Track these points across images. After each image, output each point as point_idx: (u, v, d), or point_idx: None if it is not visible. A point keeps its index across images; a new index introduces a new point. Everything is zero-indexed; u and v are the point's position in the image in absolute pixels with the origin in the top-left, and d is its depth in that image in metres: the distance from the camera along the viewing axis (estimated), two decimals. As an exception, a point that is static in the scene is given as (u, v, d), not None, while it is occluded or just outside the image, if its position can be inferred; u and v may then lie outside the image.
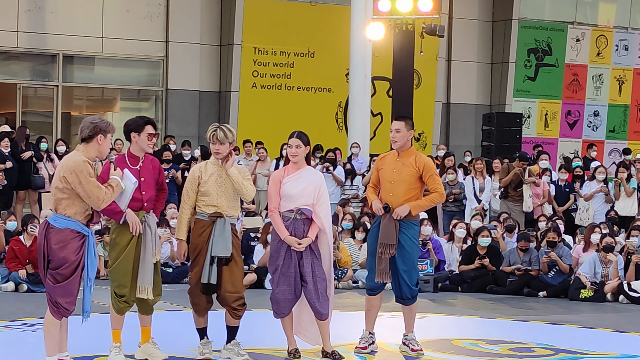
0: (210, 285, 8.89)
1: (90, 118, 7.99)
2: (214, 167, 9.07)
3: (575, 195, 19.63)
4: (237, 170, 9.13)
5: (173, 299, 12.84)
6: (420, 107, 24.87)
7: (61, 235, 7.76)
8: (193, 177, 9.05)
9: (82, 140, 7.94)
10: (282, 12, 25.33)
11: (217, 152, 9.03)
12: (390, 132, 9.59)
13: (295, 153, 9.18)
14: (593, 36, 29.09)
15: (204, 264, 8.89)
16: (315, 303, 9.11)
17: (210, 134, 9.03)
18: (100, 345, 9.14)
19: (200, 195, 9.01)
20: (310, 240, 9.12)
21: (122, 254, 8.74)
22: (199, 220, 9.02)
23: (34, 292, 14.00)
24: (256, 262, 15.54)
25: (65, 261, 7.76)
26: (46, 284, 7.85)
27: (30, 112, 23.92)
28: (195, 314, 9.17)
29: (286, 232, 9.08)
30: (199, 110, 24.85)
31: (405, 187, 9.45)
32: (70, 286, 7.80)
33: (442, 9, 26.05)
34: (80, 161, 7.75)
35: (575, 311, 13.47)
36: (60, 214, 7.78)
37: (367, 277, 9.80)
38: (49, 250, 7.79)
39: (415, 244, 9.54)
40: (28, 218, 14.93)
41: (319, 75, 25.70)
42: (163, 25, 24.47)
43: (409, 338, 9.65)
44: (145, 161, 8.93)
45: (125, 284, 8.76)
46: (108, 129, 7.94)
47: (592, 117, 29.26)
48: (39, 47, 23.28)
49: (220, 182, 9.01)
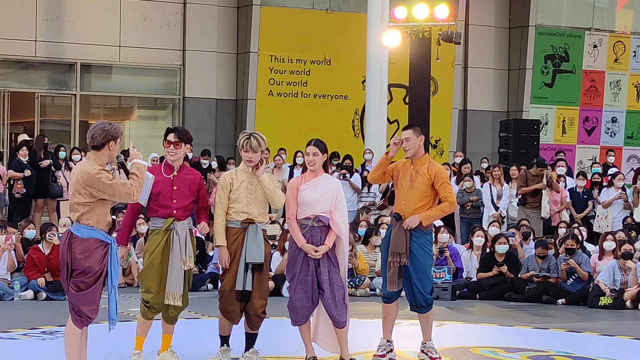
0: (246, 292, 8.90)
1: (99, 125, 7.89)
2: (244, 174, 9.09)
3: (594, 202, 19.56)
4: (268, 177, 9.17)
5: (191, 306, 12.78)
6: (437, 114, 24.87)
7: (85, 244, 7.75)
8: (225, 184, 9.06)
9: (93, 148, 7.91)
10: (299, 19, 25.37)
11: (249, 160, 9.04)
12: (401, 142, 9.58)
13: (313, 161, 9.18)
14: (610, 42, 29.01)
15: (238, 271, 8.91)
16: (332, 311, 9.09)
17: (244, 142, 9.04)
18: (121, 353, 9.14)
19: (231, 203, 9.02)
20: (327, 247, 9.11)
21: (149, 259, 8.80)
22: (230, 228, 9.02)
23: (53, 300, 14.04)
24: (273, 269, 15.54)
25: (90, 270, 7.76)
26: (69, 293, 7.85)
27: (48, 121, 24.02)
28: (223, 322, 9.12)
29: (303, 240, 9.08)
30: (216, 118, 24.89)
31: (418, 195, 9.45)
32: (93, 294, 7.80)
33: (459, 16, 26.09)
34: (94, 172, 7.70)
35: (594, 319, 13.43)
36: (83, 223, 7.77)
37: (382, 285, 9.79)
38: (73, 260, 7.77)
39: (427, 252, 9.53)
40: (46, 226, 14.98)
41: (336, 82, 25.71)
42: (180, 34, 24.53)
43: (427, 346, 9.62)
44: (181, 171, 8.98)
45: (150, 289, 8.81)
46: (118, 133, 7.91)
47: (609, 123, 29.17)
48: (57, 56, 23.37)
49: (250, 189, 9.03)
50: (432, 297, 9.57)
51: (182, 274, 8.80)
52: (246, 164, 9.09)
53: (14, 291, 14.23)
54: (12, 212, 18.52)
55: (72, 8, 23.36)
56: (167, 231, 8.83)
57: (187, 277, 8.93)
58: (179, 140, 8.96)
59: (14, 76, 23.49)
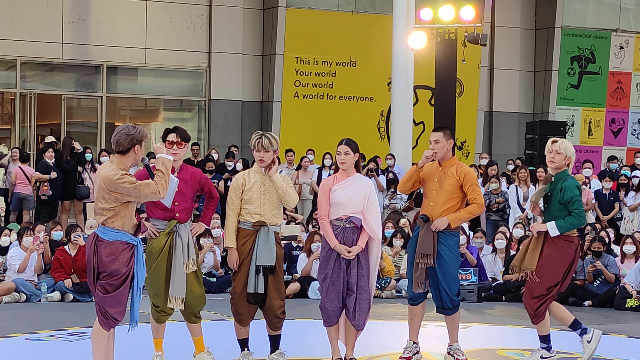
0: (257, 294, 8.90)
1: (124, 129, 7.86)
2: (257, 175, 9.08)
3: (620, 203, 19.47)
4: (280, 177, 9.15)
5: (217, 308, 12.88)
6: (463, 115, 24.83)
7: (111, 247, 7.75)
8: (237, 185, 9.05)
9: (118, 152, 7.87)
10: (324, 21, 25.39)
11: (261, 160, 9.04)
12: (430, 143, 9.56)
13: (344, 160, 9.16)
14: (637, 43, 28.88)
15: (249, 274, 8.91)
16: (352, 313, 9.08)
17: (255, 142, 9.04)
18: (146, 355, 9.17)
19: (243, 204, 9.00)
20: (360, 248, 9.09)
21: (154, 263, 8.80)
22: (242, 230, 9.01)
23: (80, 301, 14.10)
24: (299, 271, 15.55)
25: (118, 273, 7.75)
26: (96, 295, 7.85)
27: (75, 123, 24.13)
28: (237, 325, 9.14)
29: (336, 241, 9.04)
30: (242, 120, 24.94)
31: (445, 197, 9.43)
32: (120, 296, 7.81)
33: (485, 18, 26.03)
34: (116, 178, 7.66)
35: (621, 321, 13.36)
36: (109, 226, 7.77)
37: (407, 287, 9.77)
38: (99, 263, 7.76)
39: (454, 254, 9.51)
40: (71, 228, 15.03)
41: (361, 84, 25.72)
42: (206, 36, 24.59)
43: (453, 348, 9.60)
44: (182, 172, 8.96)
45: (158, 294, 8.82)
46: (143, 137, 7.85)
47: (636, 125, 29.03)
48: (83, 59, 23.49)
49: (263, 190, 9.02)
50: (459, 299, 9.56)
51: (184, 277, 8.78)
52: (258, 164, 9.07)
53: (41, 292, 14.29)
54: (39, 213, 18.62)
55: (98, 10, 23.46)
56: (170, 234, 8.82)
57: (199, 277, 8.93)
58: (181, 139, 8.96)
59: (41, 78, 23.61)
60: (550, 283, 9.42)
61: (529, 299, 9.47)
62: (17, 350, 9.97)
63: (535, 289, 9.42)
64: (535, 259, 9.34)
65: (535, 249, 9.38)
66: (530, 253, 9.39)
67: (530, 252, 9.39)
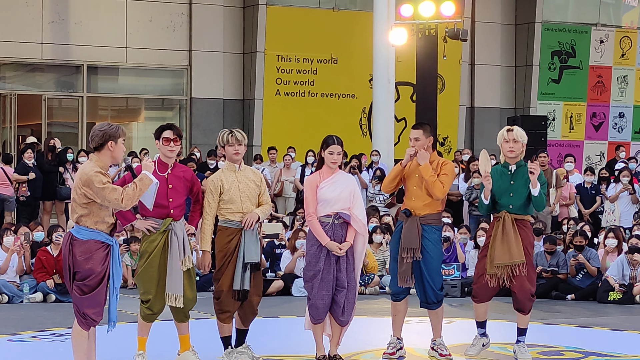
0: (244, 291, 8.91)
1: (98, 126, 7.86)
2: (231, 173, 9.08)
3: (602, 197, 19.53)
4: (252, 173, 9.17)
5: (200, 307, 12.76)
6: (444, 111, 24.84)
7: (85, 246, 7.71)
8: (214, 187, 9.01)
9: (94, 149, 7.85)
10: (305, 19, 25.36)
11: (236, 153, 9.04)
12: (410, 140, 9.57)
13: (336, 160, 9.17)
14: (617, 37, 28.95)
15: (235, 271, 8.90)
16: (340, 309, 9.07)
17: (227, 136, 9.02)
18: (128, 354, 9.15)
19: (225, 204, 8.99)
20: (350, 244, 9.10)
21: (147, 260, 8.78)
22: (226, 228, 9.00)
23: (62, 302, 14.05)
24: (283, 268, 15.53)
25: (92, 272, 7.72)
26: (73, 296, 7.82)
27: (56, 123, 24.05)
28: (221, 323, 9.12)
29: (327, 238, 9.01)
30: (223, 118, 24.89)
31: (427, 192, 9.45)
32: (97, 297, 7.77)
33: (465, 13, 26.07)
34: (91, 173, 7.64)
35: (603, 314, 13.40)
36: (83, 225, 7.74)
37: (391, 283, 9.77)
38: (74, 262, 7.74)
39: (438, 248, 9.53)
40: (52, 228, 14.99)
41: (343, 81, 25.70)
42: (186, 35, 24.54)
43: (437, 343, 9.62)
44: (174, 169, 8.95)
45: (149, 291, 8.79)
46: (117, 133, 7.82)
47: (617, 118, 29.11)
48: (63, 58, 23.40)
49: (242, 188, 9.04)
50: (443, 294, 9.57)
51: (182, 275, 8.77)
52: (233, 158, 9.06)
53: (23, 293, 14.25)
54: (20, 214, 18.52)
55: (78, 10, 23.38)
56: (165, 232, 8.80)
57: (191, 275, 8.92)
58: (177, 136, 8.96)
59: (21, 79, 23.52)
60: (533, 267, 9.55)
61: (528, 288, 9.44)
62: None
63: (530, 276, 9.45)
64: (521, 249, 9.35)
65: (517, 240, 9.37)
66: (515, 245, 9.35)
67: (514, 244, 9.35)
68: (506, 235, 9.38)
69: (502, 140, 9.54)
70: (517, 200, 9.47)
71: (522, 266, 9.36)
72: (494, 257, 9.40)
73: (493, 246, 9.42)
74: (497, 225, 9.44)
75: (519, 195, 9.46)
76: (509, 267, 9.36)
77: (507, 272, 9.38)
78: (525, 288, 9.45)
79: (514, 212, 9.44)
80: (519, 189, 9.47)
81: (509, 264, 9.35)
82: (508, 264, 9.35)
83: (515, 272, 9.36)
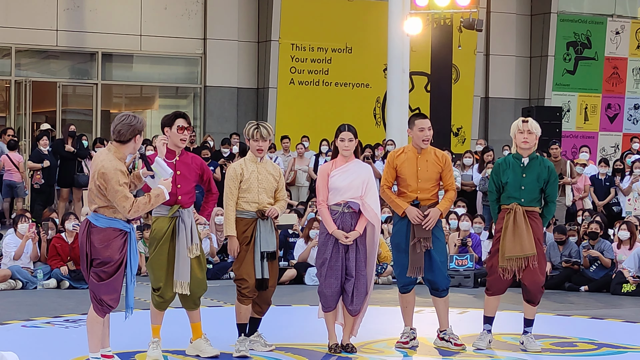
0: (264, 279, 8.94)
1: (125, 119, 7.87)
2: (252, 164, 9.09)
3: (616, 189, 19.47)
4: (272, 167, 9.17)
5: (213, 294, 12.87)
6: (459, 101, 24.81)
7: (104, 234, 7.74)
8: (235, 174, 9.03)
9: (119, 142, 7.87)
10: (320, 7, 25.33)
11: (259, 150, 9.05)
12: (422, 130, 9.53)
13: (348, 147, 9.17)
14: (633, 29, 28.85)
15: (255, 260, 8.92)
16: (349, 298, 9.08)
17: (253, 131, 9.03)
18: (143, 341, 9.16)
19: (241, 193, 9.01)
20: (358, 233, 9.10)
21: (157, 248, 8.79)
22: (241, 219, 9.00)
23: (76, 288, 14.09)
24: (296, 257, 15.53)
25: (110, 260, 7.75)
26: (90, 282, 7.84)
27: (70, 111, 24.09)
28: (244, 309, 9.06)
29: (334, 226, 9.05)
30: (237, 107, 24.91)
31: (430, 184, 9.49)
32: (115, 283, 7.80)
33: (480, 3, 26.00)
34: (111, 169, 7.66)
35: (617, 305, 13.37)
36: (101, 213, 7.76)
37: (399, 275, 9.66)
38: (92, 249, 7.76)
39: (443, 233, 9.63)
40: (66, 215, 15.01)
41: (357, 70, 25.68)
42: (201, 23, 24.54)
43: (447, 333, 9.59)
44: (182, 156, 8.96)
45: (159, 278, 8.80)
46: (143, 127, 7.92)
47: (632, 110, 29.02)
48: (78, 46, 23.43)
49: (260, 179, 9.05)
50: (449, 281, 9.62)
51: (189, 262, 8.77)
52: (255, 153, 9.08)
53: (37, 280, 14.29)
54: (34, 202, 18.54)
55: (93, -3, 23.43)
56: (172, 219, 8.81)
57: (201, 262, 8.93)
58: (189, 124, 8.99)
59: (36, 66, 23.56)
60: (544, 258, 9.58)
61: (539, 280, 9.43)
62: (13, 337, 9.96)
63: (542, 268, 9.45)
64: (532, 242, 9.33)
65: (528, 232, 9.35)
66: (526, 238, 9.33)
67: (526, 237, 9.34)
68: (517, 228, 9.34)
69: (517, 131, 9.49)
70: (528, 195, 9.42)
71: (533, 258, 9.34)
72: (505, 250, 9.38)
73: (504, 239, 9.39)
74: (507, 218, 9.40)
75: (530, 189, 9.42)
76: (520, 260, 9.34)
77: (518, 265, 9.35)
78: (536, 280, 9.43)
79: (525, 205, 9.41)
80: (531, 184, 9.42)
81: (521, 257, 9.33)
82: (520, 257, 9.33)
83: (527, 265, 9.34)
